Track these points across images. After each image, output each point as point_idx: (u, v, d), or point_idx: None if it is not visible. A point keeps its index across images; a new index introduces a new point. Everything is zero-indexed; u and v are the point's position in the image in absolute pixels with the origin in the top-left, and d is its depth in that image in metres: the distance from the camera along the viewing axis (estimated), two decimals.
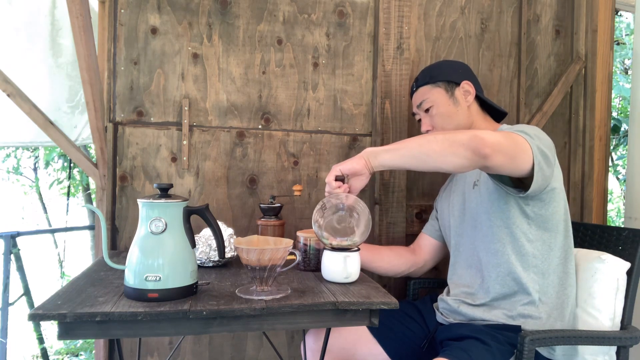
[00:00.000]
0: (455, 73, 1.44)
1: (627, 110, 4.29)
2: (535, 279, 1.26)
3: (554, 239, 1.28)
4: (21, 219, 5.67)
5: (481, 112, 1.45)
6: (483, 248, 1.32)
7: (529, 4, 1.96)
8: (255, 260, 1.03)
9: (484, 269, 1.32)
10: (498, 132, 1.14)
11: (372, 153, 1.16)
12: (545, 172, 1.18)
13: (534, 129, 1.23)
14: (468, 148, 1.08)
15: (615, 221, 4.88)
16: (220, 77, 1.70)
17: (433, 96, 1.43)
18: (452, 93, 1.42)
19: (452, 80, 1.42)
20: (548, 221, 1.27)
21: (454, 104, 1.41)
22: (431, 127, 1.45)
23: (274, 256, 1.03)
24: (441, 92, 1.42)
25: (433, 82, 1.44)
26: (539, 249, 1.27)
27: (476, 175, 1.37)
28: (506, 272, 1.28)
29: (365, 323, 1.09)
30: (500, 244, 1.29)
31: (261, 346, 1.73)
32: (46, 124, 1.60)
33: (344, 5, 1.79)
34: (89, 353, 3.37)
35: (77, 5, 1.41)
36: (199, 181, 1.69)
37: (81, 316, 0.91)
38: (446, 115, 1.41)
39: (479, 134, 1.09)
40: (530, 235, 1.27)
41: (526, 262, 1.27)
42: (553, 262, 1.28)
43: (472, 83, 1.42)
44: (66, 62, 2.13)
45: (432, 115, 1.44)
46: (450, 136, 1.11)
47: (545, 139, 1.21)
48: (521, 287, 1.26)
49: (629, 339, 1.23)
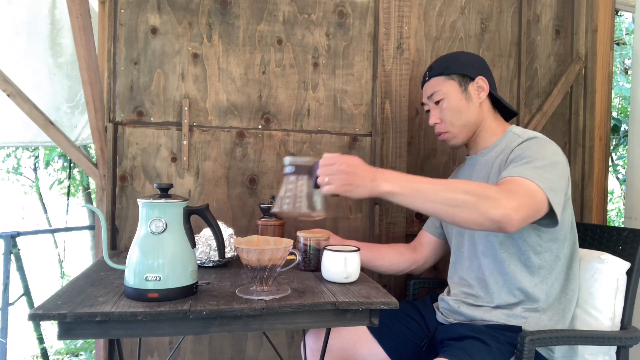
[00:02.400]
0: (471, 67, 1.38)
1: (627, 110, 4.29)
2: (543, 288, 1.25)
3: (562, 248, 1.27)
4: (21, 219, 5.67)
5: (492, 110, 1.41)
6: (487, 254, 1.30)
7: (529, 4, 1.96)
8: (255, 260, 1.02)
9: (488, 276, 1.30)
10: (520, 194, 1.09)
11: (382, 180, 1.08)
12: (562, 201, 1.16)
13: (544, 150, 1.19)
14: (494, 225, 1.06)
15: (615, 221, 4.88)
16: (220, 77, 1.70)
17: (445, 89, 1.37)
18: (466, 88, 1.36)
19: (467, 75, 1.36)
20: (558, 232, 1.25)
21: (466, 100, 1.36)
22: (439, 120, 1.40)
23: (274, 256, 1.03)
24: (454, 85, 1.37)
25: (447, 73, 1.38)
26: (546, 260, 1.25)
27: (484, 177, 1.34)
28: (512, 282, 1.26)
29: (365, 323, 1.09)
30: (506, 254, 1.27)
31: (261, 346, 1.73)
32: (46, 124, 1.60)
33: (344, 5, 1.79)
34: (89, 353, 3.37)
35: (77, 5, 1.41)
36: (199, 181, 1.69)
37: (81, 316, 0.91)
38: (456, 110, 1.36)
39: (509, 213, 1.05)
40: (539, 247, 1.25)
41: (532, 272, 1.26)
42: (557, 269, 1.27)
43: (486, 79, 1.37)
44: (66, 62, 2.13)
45: (442, 109, 1.38)
46: (481, 204, 1.05)
47: (556, 162, 1.18)
48: (527, 297, 1.25)
49: (628, 339, 1.23)
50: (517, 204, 1.07)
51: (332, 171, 1.07)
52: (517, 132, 1.34)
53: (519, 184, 1.11)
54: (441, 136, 1.42)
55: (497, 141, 1.37)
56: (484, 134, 1.39)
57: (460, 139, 1.40)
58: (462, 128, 1.38)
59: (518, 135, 1.31)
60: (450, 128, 1.39)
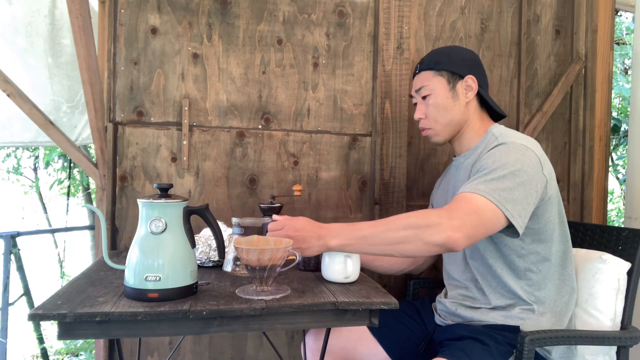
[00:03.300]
0: (463, 64, 1.36)
1: (627, 110, 4.29)
2: (530, 291, 1.25)
3: (549, 249, 1.26)
4: (21, 219, 5.67)
5: (478, 110, 1.38)
6: (475, 258, 1.31)
7: (529, 4, 1.96)
8: (255, 260, 1.03)
9: (480, 279, 1.30)
10: (463, 213, 1.11)
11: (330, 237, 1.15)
12: (524, 211, 1.14)
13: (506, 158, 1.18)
14: (441, 248, 1.11)
15: (615, 221, 4.88)
16: (220, 77, 1.70)
17: (433, 84, 1.35)
18: (454, 86, 1.34)
19: (457, 72, 1.34)
20: (542, 233, 1.24)
21: (453, 98, 1.34)
22: (424, 116, 1.38)
23: (274, 256, 1.03)
24: (442, 82, 1.35)
25: (437, 69, 1.36)
26: (532, 262, 1.25)
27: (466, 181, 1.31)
28: (503, 284, 1.27)
29: (365, 323, 1.09)
30: (492, 259, 1.27)
31: (261, 346, 1.72)
32: (46, 124, 1.60)
33: (344, 5, 1.79)
34: (89, 353, 3.37)
35: (77, 5, 1.41)
36: (199, 181, 1.69)
37: (81, 316, 0.91)
38: (442, 108, 1.35)
39: (451, 234, 1.08)
40: (522, 250, 1.24)
41: (518, 275, 1.26)
42: (549, 272, 1.26)
43: (477, 78, 1.35)
44: (66, 62, 2.13)
45: (428, 105, 1.36)
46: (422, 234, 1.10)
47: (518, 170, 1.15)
48: (520, 299, 1.25)
49: (629, 339, 1.23)
50: (459, 223, 1.09)
51: (280, 236, 1.14)
52: (496, 133, 1.31)
53: (465, 202, 1.13)
54: (424, 132, 1.41)
55: (479, 142, 1.35)
56: (468, 134, 1.38)
57: (443, 137, 1.39)
58: (445, 126, 1.37)
59: (495, 137, 1.29)
60: (434, 125, 1.37)
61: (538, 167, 1.19)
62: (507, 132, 1.30)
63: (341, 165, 1.80)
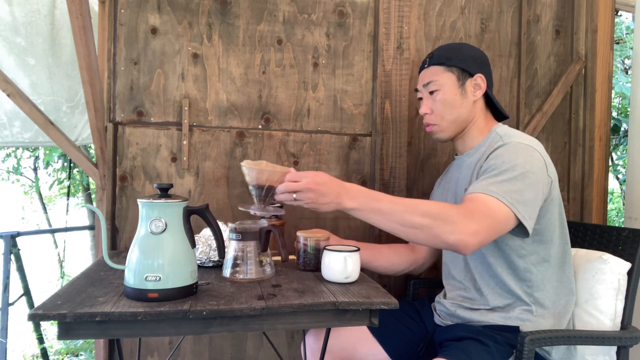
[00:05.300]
0: (473, 63, 1.35)
1: (627, 110, 4.29)
2: (529, 292, 1.25)
3: (548, 250, 1.26)
4: (21, 219, 5.67)
5: (484, 109, 1.39)
6: (475, 257, 1.31)
7: (529, 4, 1.96)
8: (255, 179, 1.14)
9: (479, 279, 1.31)
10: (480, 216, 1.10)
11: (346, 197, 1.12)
12: (534, 212, 1.15)
13: (515, 159, 1.17)
14: (450, 248, 1.11)
15: (615, 221, 4.88)
16: (220, 77, 1.70)
17: (442, 80, 1.34)
18: (463, 83, 1.34)
19: (467, 70, 1.34)
20: (543, 234, 1.24)
21: (461, 95, 1.34)
22: (430, 111, 1.38)
23: (271, 178, 1.13)
24: (452, 78, 1.34)
25: (448, 65, 1.34)
26: (532, 263, 1.25)
27: (468, 180, 1.32)
28: (502, 284, 1.27)
29: (365, 323, 1.09)
30: (492, 258, 1.27)
31: (261, 346, 1.72)
32: (46, 124, 1.60)
33: (344, 5, 1.79)
34: (89, 353, 3.37)
35: (77, 5, 1.40)
36: (199, 181, 1.69)
37: (81, 316, 0.91)
38: (449, 104, 1.34)
39: (464, 238, 1.07)
40: (523, 250, 1.24)
41: (518, 276, 1.26)
42: (547, 273, 1.26)
43: (485, 78, 1.35)
44: (66, 62, 2.13)
45: (436, 100, 1.35)
46: (437, 228, 1.08)
47: (527, 171, 1.15)
48: (519, 299, 1.25)
49: (629, 339, 1.23)
50: (476, 228, 1.08)
51: (299, 188, 1.10)
52: (500, 132, 1.32)
53: (480, 204, 1.11)
54: (429, 127, 1.40)
55: (482, 141, 1.35)
56: (473, 132, 1.38)
57: (448, 134, 1.39)
58: (451, 123, 1.36)
59: (500, 137, 1.29)
60: (440, 121, 1.37)
61: (544, 168, 1.20)
62: (511, 132, 1.30)
63: (341, 165, 1.80)
